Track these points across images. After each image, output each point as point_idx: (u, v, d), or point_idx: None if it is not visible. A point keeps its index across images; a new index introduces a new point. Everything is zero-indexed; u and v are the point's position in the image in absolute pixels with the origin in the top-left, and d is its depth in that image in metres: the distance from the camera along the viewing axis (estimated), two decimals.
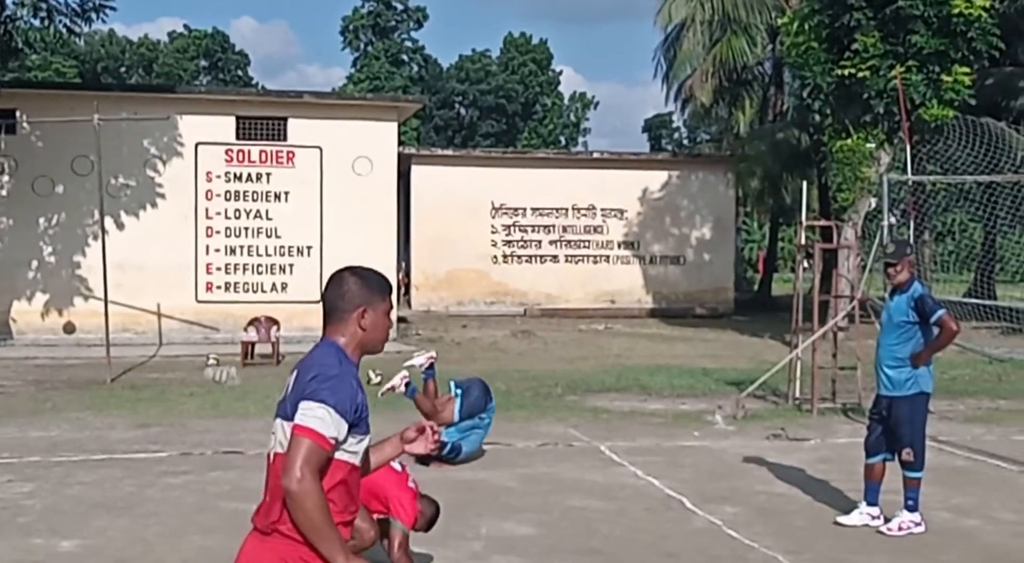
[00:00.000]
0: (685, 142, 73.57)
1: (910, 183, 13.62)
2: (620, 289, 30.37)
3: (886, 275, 7.90)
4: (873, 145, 19.77)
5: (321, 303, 3.42)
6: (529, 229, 30.09)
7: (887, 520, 7.55)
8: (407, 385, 9.09)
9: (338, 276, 3.39)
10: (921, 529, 7.43)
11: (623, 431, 11.32)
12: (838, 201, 20.27)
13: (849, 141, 19.92)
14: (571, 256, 30.31)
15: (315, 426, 3.04)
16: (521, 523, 7.42)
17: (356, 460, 3.26)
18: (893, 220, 15.46)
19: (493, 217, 29.88)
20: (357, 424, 3.19)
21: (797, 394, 13.34)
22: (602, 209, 30.33)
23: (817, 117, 20.95)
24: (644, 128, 79.30)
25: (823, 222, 20.37)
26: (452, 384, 9.60)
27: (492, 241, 29.88)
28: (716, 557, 6.67)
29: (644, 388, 14.86)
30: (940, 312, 7.47)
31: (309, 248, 20.90)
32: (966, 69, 19.60)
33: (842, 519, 7.67)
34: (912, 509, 7.49)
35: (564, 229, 30.22)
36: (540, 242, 30.14)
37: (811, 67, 20.10)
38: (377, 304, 3.36)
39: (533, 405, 13.08)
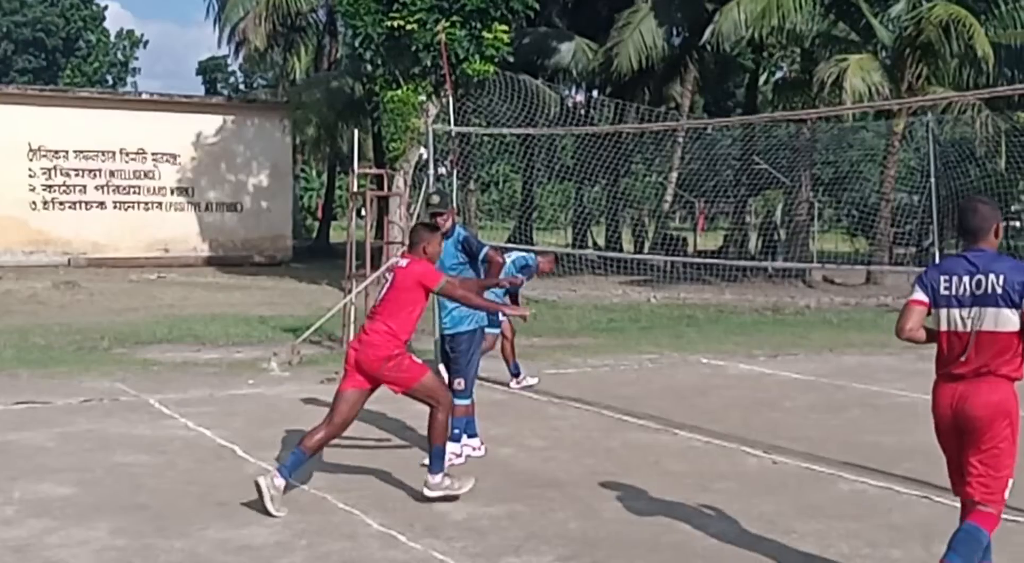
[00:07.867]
0: (242, 87, 72.07)
1: (453, 134, 14.32)
2: (174, 237, 29.43)
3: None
4: (423, 97, 20.49)
5: (963, 230, 4.86)
6: (72, 173, 28.31)
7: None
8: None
9: (970, 207, 4.88)
10: (460, 461, 7.80)
11: (174, 383, 11.04)
12: (391, 150, 20.84)
13: (399, 92, 20.49)
14: (120, 202, 28.90)
15: None
16: (59, 484, 7.02)
17: None
18: (443, 170, 16.18)
19: (31, 160, 27.79)
20: None
21: (351, 338, 13.66)
22: (153, 153, 29.15)
23: (369, 67, 21.31)
24: (199, 71, 76.72)
25: (375, 170, 20.87)
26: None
27: (30, 186, 27.82)
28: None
29: (198, 338, 14.59)
30: (485, 248, 8.06)
31: None
32: (504, 27, 20.80)
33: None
34: (455, 439, 7.88)
35: (112, 173, 28.73)
36: (85, 187, 28.46)
37: (362, 17, 20.39)
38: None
39: (76, 360, 12.41)
